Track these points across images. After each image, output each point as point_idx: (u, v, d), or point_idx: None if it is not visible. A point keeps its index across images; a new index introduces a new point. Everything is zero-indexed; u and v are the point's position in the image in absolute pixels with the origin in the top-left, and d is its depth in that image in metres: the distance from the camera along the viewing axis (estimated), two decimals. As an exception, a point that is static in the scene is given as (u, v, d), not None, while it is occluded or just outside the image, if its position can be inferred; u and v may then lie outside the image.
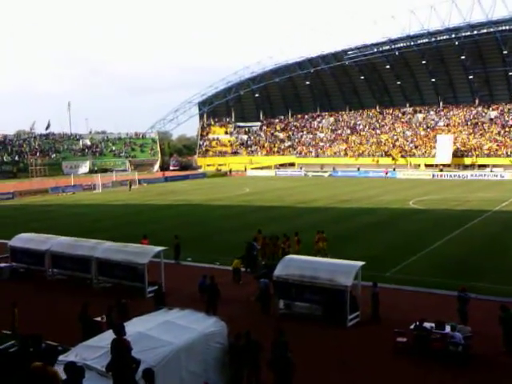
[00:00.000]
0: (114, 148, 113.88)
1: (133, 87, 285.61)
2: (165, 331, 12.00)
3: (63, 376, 8.59)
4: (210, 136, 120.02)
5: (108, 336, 11.70)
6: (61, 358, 10.92)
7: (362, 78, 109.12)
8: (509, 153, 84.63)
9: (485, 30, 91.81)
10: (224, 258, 25.83)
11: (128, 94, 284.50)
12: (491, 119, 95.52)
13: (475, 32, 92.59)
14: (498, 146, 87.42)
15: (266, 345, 12.89)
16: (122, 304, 16.77)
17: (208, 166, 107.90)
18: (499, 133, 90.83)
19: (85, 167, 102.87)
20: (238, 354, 12.62)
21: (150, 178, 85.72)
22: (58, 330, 15.88)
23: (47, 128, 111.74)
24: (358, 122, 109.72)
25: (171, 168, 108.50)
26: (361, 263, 18.45)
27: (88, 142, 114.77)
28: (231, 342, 12.71)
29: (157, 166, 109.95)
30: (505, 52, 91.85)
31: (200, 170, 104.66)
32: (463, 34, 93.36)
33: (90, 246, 23.62)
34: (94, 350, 11.27)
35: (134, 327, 11.57)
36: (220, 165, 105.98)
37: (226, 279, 22.11)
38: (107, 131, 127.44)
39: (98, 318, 16.24)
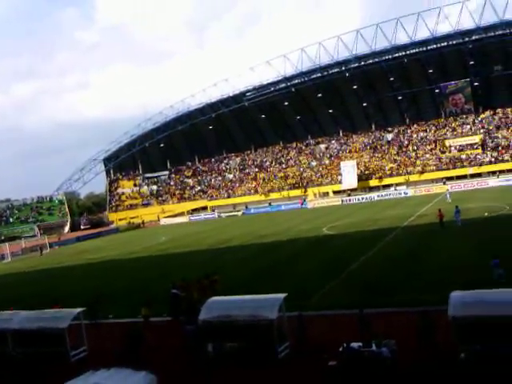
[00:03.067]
0: (20, 215, 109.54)
1: (29, 151, 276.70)
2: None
3: None
4: (119, 190, 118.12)
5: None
6: None
7: (263, 116, 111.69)
8: (408, 171, 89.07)
9: (370, 61, 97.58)
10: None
11: (25, 157, 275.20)
12: (388, 141, 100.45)
13: (362, 63, 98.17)
14: (397, 165, 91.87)
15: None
16: None
17: (120, 220, 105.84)
18: (397, 153, 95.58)
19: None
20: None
21: (62, 239, 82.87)
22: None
23: None
24: (264, 160, 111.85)
25: (82, 227, 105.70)
26: (283, 295, 18.62)
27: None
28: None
29: (67, 228, 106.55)
30: (391, 79, 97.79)
31: (112, 226, 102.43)
32: (352, 66, 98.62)
33: (5, 319, 22.42)
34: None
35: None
36: (132, 218, 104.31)
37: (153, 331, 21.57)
38: (11, 198, 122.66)
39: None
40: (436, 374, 14.59)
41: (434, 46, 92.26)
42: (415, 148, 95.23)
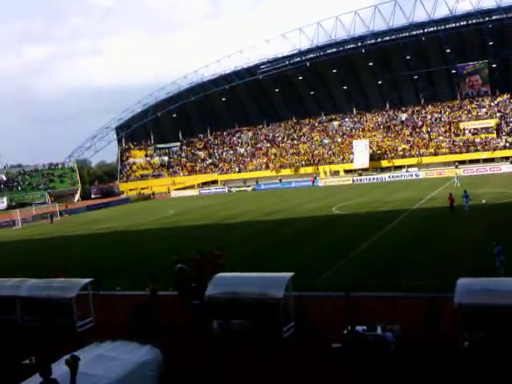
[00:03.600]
0: (31, 181, 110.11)
1: (42, 116, 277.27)
2: (98, 366, 11.60)
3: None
4: (131, 160, 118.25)
5: (35, 380, 11.23)
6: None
7: (277, 90, 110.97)
8: (421, 152, 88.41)
9: (387, 38, 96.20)
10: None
11: (38, 122, 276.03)
12: (402, 121, 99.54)
13: (379, 40, 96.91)
14: (410, 146, 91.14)
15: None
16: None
17: (130, 190, 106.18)
18: (411, 134, 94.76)
19: (2, 203, 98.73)
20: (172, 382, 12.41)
21: (72, 208, 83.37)
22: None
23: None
24: (277, 135, 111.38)
25: (93, 196, 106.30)
26: (290, 274, 18.63)
27: (3, 177, 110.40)
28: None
29: (78, 196, 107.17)
30: (408, 57, 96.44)
31: (122, 196, 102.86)
32: (368, 42, 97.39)
33: (13, 285, 22.62)
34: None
35: (65, 365, 11.12)
36: (142, 188, 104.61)
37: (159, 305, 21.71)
38: (23, 164, 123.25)
39: (27, 361, 15.57)
40: (439, 361, 14.62)
41: (453, 24, 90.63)
42: (429, 129, 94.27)
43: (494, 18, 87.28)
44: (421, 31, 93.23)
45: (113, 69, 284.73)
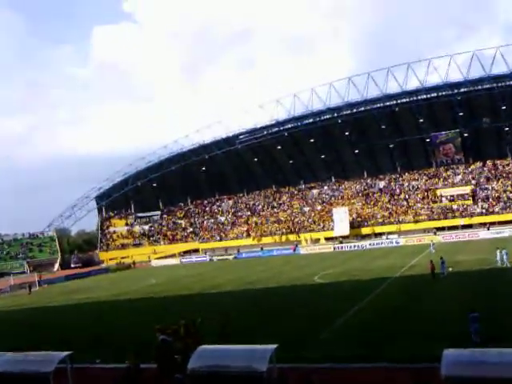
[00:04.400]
0: (10, 250, 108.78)
1: (22, 185, 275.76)
2: None
3: None
4: (111, 229, 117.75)
5: None
6: None
7: (256, 160, 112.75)
8: (399, 219, 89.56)
9: (362, 108, 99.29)
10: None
11: (18, 191, 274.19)
12: (380, 189, 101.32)
13: (354, 110, 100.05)
14: (389, 213, 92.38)
15: None
16: None
17: (111, 259, 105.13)
18: (389, 201, 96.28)
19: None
20: None
21: (51, 277, 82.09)
22: None
23: None
24: (257, 203, 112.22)
25: (72, 265, 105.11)
26: (274, 346, 18.50)
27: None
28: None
29: (57, 265, 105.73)
30: (383, 127, 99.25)
31: (103, 265, 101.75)
32: (344, 113, 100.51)
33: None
34: None
35: None
36: (123, 257, 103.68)
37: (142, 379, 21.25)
38: (1, 233, 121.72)
39: None
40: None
41: (424, 96, 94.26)
42: (407, 197, 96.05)
43: (462, 90, 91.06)
44: (394, 102, 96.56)
45: (93, 139, 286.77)
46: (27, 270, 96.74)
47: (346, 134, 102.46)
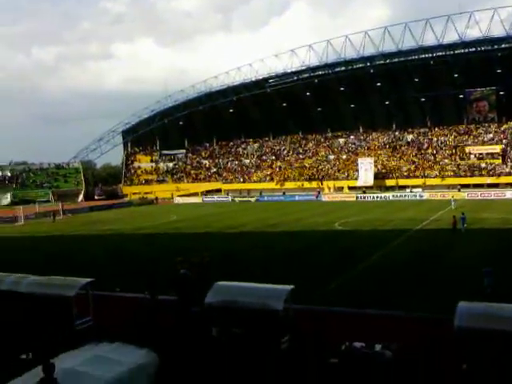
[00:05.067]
0: (36, 179, 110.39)
1: (50, 116, 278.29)
2: (94, 366, 11.61)
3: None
4: (135, 164, 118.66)
5: (33, 374, 11.23)
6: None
7: (284, 104, 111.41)
8: (425, 174, 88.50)
9: (396, 59, 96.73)
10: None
11: (46, 122, 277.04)
12: (408, 142, 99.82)
13: (388, 61, 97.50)
14: (415, 167, 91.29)
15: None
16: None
17: (134, 194, 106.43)
18: (416, 155, 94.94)
19: (6, 199, 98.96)
20: None
21: (75, 208, 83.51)
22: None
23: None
24: (282, 148, 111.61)
25: (96, 197, 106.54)
26: (291, 286, 18.61)
27: (8, 173, 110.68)
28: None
29: (81, 196, 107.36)
30: (416, 80, 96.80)
31: (126, 199, 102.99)
32: (377, 63, 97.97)
33: (13, 281, 22.58)
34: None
35: (61, 363, 11.13)
36: (146, 193, 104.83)
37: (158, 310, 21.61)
38: (28, 162, 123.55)
39: (24, 356, 15.56)
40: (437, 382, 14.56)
41: (462, 50, 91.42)
42: (434, 152, 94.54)
43: (503, 46, 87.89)
44: (430, 55, 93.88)
45: (122, 74, 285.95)
46: (52, 199, 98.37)
47: (378, 84, 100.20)
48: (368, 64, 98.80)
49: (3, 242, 50.19)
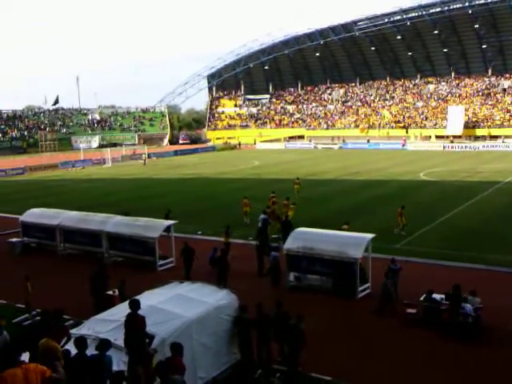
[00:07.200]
0: (122, 122, 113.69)
1: (139, 62, 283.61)
2: (176, 304, 12.05)
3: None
4: (220, 109, 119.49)
5: (119, 310, 11.81)
6: (74, 331, 11.07)
7: (373, 49, 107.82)
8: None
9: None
10: (237, 231, 25.52)
11: (134, 68, 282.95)
12: (504, 89, 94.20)
13: (489, 0, 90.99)
14: (510, 116, 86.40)
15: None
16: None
17: (217, 139, 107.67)
18: (511, 103, 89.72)
19: (94, 142, 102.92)
20: (245, 327, 12.64)
21: (160, 151, 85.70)
22: (71, 303, 15.92)
23: (55, 103, 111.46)
24: (369, 94, 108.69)
25: (181, 142, 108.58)
26: (371, 236, 18.41)
27: (97, 117, 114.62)
28: (237, 315, 12.72)
29: (166, 140, 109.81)
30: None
31: (209, 144, 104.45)
32: (477, 2, 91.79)
33: (101, 221, 23.67)
34: (107, 324, 11.36)
35: (146, 300, 11.59)
36: (229, 138, 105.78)
37: (238, 252, 22.04)
38: (116, 105, 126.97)
39: (110, 292, 16.35)
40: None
41: None
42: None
43: None
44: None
45: (207, 16, 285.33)
46: (138, 143, 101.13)
47: (476, 26, 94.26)
48: (466, 4, 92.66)
49: (93, 182, 52.45)
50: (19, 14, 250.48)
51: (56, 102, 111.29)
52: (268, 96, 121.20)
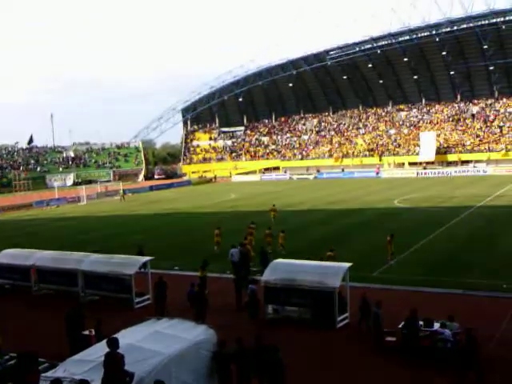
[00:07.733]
0: (97, 159, 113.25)
1: (111, 97, 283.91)
2: (154, 342, 11.86)
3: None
4: (195, 143, 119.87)
5: (96, 349, 11.60)
6: (49, 373, 10.81)
7: (345, 77, 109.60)
8: (490, 148, 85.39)
9: (464, 26, 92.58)
10: (213, 265, 25.38)
11: (107, 103, 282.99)
12: (473, 115, 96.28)
13: (455, 28, 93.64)
14: (480, 141, 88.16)
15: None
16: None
17: (193, 173, 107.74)
18: (481, 128, 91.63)
19: (69, 179, 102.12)
20: (224, 362, 12.50)
21: (135, 187, 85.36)
22: (45, 345, 15.59)
23: (29, 142, 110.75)
24: (342, 123, 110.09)
25: (156, 177, 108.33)
26: (348, 264, 18.47)
27: (71, 154, 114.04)
28: (216, 350, 12.59)
29: (141, 176, 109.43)
30: (485, 47, 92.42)
31: (185, 178, 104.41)
32: (443, 30, 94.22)
33: (76, 259, 23.41)
34: (83, 364, 11.11)
35: (123, 339, 11.40)
36: (205, 171, 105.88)
37: (215, 287, 21.92)
38: (90, 142, 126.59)
39: (86, 332, 16.06)
40: (498, 362, 14.15)
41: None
42: (501, 124, 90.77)
43: None
44: (501, 19, 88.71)
45: (180, 51, 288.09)
46: (112, 179, 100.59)
47: (443, 53, 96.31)
48: (433, 32, 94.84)
49: (68, 221, 51.90)
50: (19, 14, 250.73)
51: (30, 140, 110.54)
52: (243, 128, 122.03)
